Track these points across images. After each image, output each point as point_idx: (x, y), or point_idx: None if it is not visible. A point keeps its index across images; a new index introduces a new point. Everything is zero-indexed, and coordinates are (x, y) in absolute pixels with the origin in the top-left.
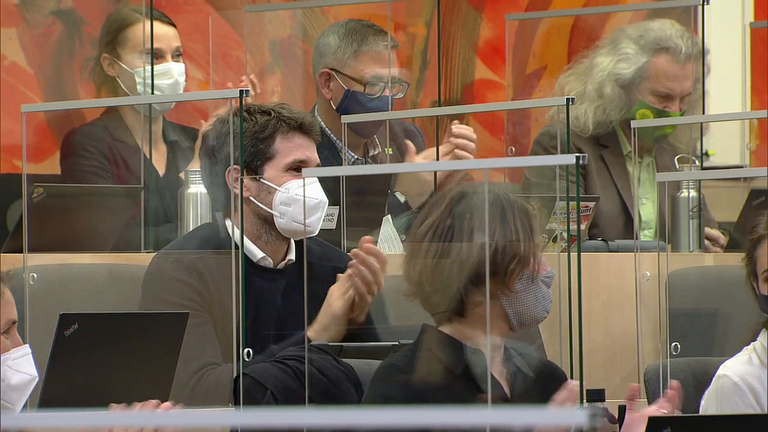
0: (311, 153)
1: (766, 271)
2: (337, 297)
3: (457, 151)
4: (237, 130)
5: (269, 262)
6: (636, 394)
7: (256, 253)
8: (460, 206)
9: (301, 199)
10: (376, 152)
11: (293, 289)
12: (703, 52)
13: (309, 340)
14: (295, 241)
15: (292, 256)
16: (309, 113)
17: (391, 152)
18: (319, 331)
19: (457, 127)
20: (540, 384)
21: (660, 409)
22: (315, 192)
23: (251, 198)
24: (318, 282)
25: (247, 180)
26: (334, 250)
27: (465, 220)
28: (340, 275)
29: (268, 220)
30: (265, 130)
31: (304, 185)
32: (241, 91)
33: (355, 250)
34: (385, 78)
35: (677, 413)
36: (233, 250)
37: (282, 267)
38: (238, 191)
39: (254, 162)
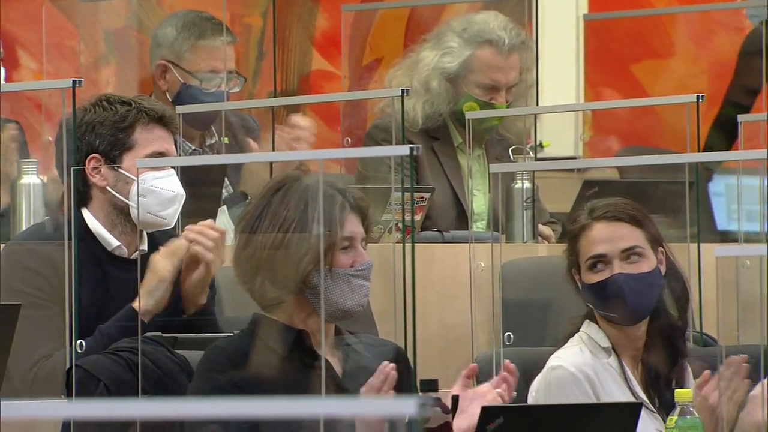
0: (170, 145)
1: (589, 259)
2: (162, 263)
3: (294, 142)
4: (93, 120)
5: (124, 252)
6: (473, 374)
7: (112, 242)
8: (276, 197)
9: (157, 191)
10: (212, 141)
11: (143, 278)
12: (536, 44)
13: (143, 331)
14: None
15: (144, 246)
16: None
17: (227, 141)
18: (144, 297)
19: (294, 118)
20: (377, 361)
21: (495, 389)
22: (172, 184)
23: (108, 187)
24: None
25: (104, 169)
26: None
27: (278, 211)
28: (162, 248)
29: (124, 211)
30: (125, 120)
31: (137, 181)
32: (74, 81)
33: (190, 225)
34: (222, 73)
35: (513, 394)
36: (64, 241)
37: (135, 257)
38: (95, 180)
39: (113, 151)
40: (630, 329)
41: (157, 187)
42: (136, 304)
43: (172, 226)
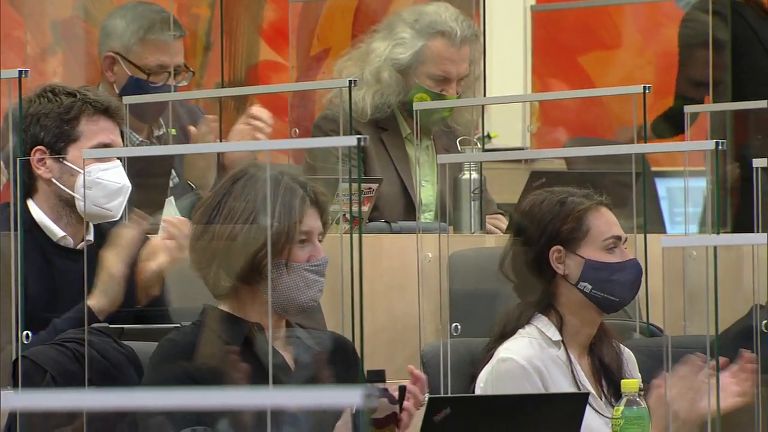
0: (116, 136)
1: (609, 238)
2: (112, 259)
3: (255, 133)
4: (37, 111)
5: (70, 242)
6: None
7: (57, 232)
8: (236, 187)
9: (102, 183)
10: (161, 132)
11: (90, 269)
12: (484, 35)
13: (90, 321)
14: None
15: (90, 236)
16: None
17: (174, 133)
18: (98, 296)
19: (256, 109)
20: (327, 354)
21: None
22: (117, 176)
23: (53, 180)
24: None
25: (50, 161)
26: None
27: (238, 200)
28: (110, 243)
29: (69, 203)
30: (70, 112)
31: (84, 171)
32: (20, 72)
33: (167, 218)
34: (170, 67)
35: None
36: (10, 232)
37: (81, 247)
38: (40, 172)
39: (58, 143)
40: (596, 318)
41: (102, 179)
42: (91, 302)
43: (118, 217)
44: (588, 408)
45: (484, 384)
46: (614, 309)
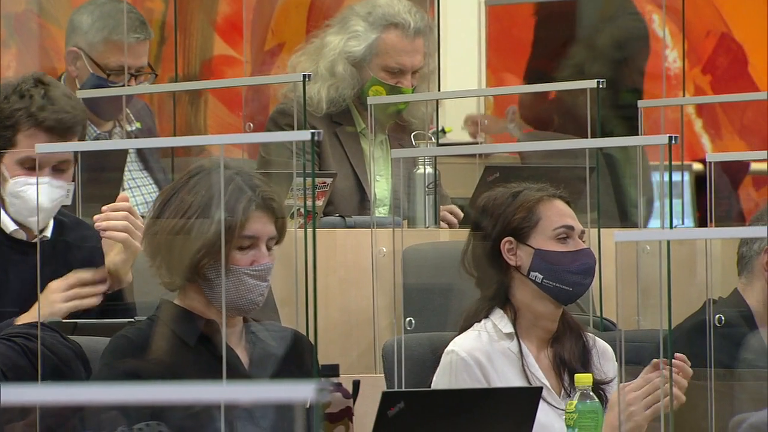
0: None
1: (560, 228)
2: (60, 297)
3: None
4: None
5: (22, 235)
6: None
7: (9, 225)
8: (191, 182)
9: (24, 197)
10: (133, 128)
11: (44, 264)
12: (438, 29)
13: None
14: (54, 217)
15: (47, 232)
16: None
17: (140, 126)
18: (26, 320)
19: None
20: (284, 352)
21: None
22: (40, 194)
23: None
24: (74, 261)
25: None
26: (91, 230)
27: (188, 196)
28: (55, 283)
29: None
30: (11, 118)
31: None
32: None
33: (97, 216)
34: (132, 69)
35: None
36: None
37: (35, 241)
38: None
39: None
40: (553, 310)
41: (23, 194)
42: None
43: (37, 233)
44: (541, 401)
45: (436, 377)
46: (569, 299)
